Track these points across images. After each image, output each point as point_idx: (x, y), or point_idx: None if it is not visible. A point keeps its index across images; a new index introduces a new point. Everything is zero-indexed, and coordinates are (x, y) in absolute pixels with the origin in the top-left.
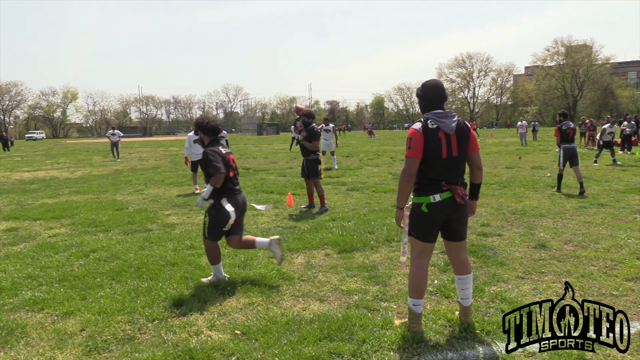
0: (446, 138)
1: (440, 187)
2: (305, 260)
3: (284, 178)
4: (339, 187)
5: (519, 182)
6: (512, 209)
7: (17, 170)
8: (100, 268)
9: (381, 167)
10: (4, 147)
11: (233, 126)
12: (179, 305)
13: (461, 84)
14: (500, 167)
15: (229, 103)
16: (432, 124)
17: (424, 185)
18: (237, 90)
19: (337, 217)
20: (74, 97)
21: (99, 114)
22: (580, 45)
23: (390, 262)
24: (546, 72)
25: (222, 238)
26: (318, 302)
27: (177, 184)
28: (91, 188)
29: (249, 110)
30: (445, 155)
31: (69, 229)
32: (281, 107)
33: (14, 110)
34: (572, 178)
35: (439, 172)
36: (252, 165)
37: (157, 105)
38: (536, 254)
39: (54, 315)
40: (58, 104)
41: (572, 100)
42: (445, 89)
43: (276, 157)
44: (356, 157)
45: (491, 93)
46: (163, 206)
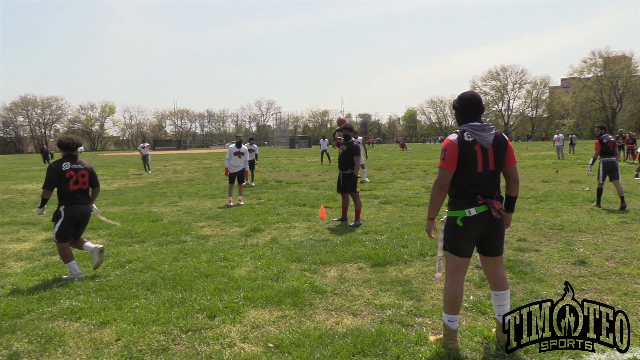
0: (482, 151)
1: (476, 201)
2: (338, 273)
3: (316, 191)
4: (372, 200)
5: (556, 196)
6: (549, 224)
7: None
8: (135, 278)
9: (414, 180)
10: (44, 160)
11: (265, 139)
12: (212, 317)
13: (495, 96)
14: (537, 180)
15: (261, 116)
16: (469, 137)
17: (459, 199)
18: (269, 103)
19: (369, 231)
20: (111, 111)
21: (135, 128)
22: (619, 56)
23: (425, 276)
24: (583, 84)
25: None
26: (351, 316)
27: (211, 196)
28: (127, 200)
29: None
30: (481, 169)
31: (105, 239)
32: (313, 120)
33: (54, 124)
34: (612, 192)
35: (475, 185)
36: (285, 178)
37: (191, 118)
38: (576, 270)
39: (90, 325)
40: (96, 118)
41: (611, 113)
42: (482, 101)
43: (308, 170)
44: (389, 170)
45: (526, 106)
46: (197, 218)
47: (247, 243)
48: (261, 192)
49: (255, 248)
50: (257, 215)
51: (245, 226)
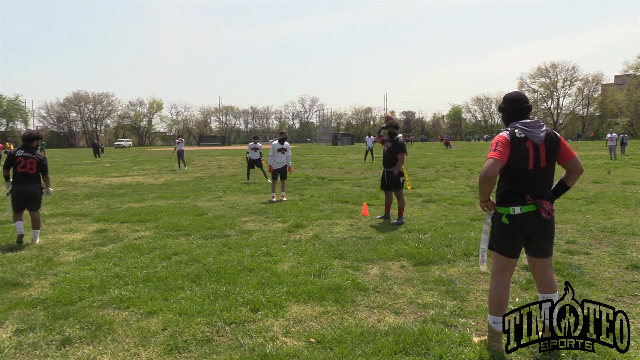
0: (534, 148)
1: (524, 200)
2: (380, 271)
3: (358, 188)
4: (415, 198)
5: (608, 198)
6: (600, 226)
7: (106, 176)
8: (181, 270)
9: (458, 179)
10: (95, 154)
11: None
12: (256, 311)
13: (544, 94)
14: (587, 181)
15: (304, 113)
16: (520, 134)
17: (507, 196)
18: (312, 100)
19: (412, 229)
20: (159, 107)
21: (182, 123)
22: None
23: (469, 276)
24: (639, 81)
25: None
26: (393, 314)
27: (254, 191)
28: (173, 194)
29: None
30: (532, 167)
31: (153, 232)
32: (356, 117)
33: (105, 120)
34: None
35: (524, 183)
36: (327, 175)
37: (235, 115)
38: (628, 275)
39: (138, 314)
40: (144, 114)
41: None
42: (529, 100)
43: (351, 167)
44: (432, 168)
45: (577, 104)
46: (241, 213)
47: (289, 239)
48: (304, 189)
49: (298, 244)
50: (299, 212)
51: (288, 222)
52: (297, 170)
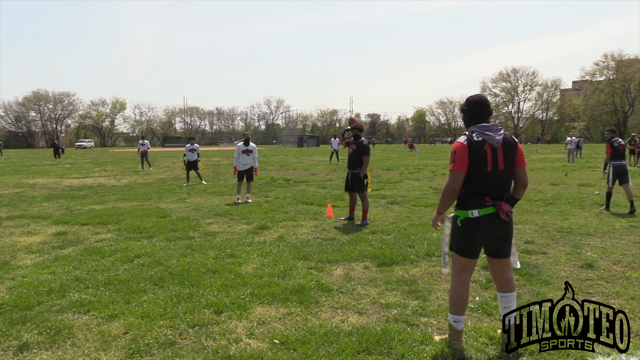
0: (492, 151)
1: (484, 202)
2: (344, 272)
3: (323, 190)
4: (379, 200)
5: (565, 200)
6: (557, 227)
7: (67, 177)
8: (143, 273)
9: (422, 181)
10: (55, 155)
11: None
12: (219, 313)
13: (505, 98)
14: (545, 183)
15: (270, 115)
16: (478, 137)
17: (467, 199)
18: (279, 102)
19: (376, 230)
20: (122, 108)
21: (145, 124)
22: (632, 59)
23: (431, 276)
24: (595, 87)
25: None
26: (357, 314)
27: (219, 193)
28: (136, 195)
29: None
30: (491, 169)
31: (114, 234)
32: (322, 119)
33: (66, 120)
34: (622, 196)
35: (484, 185)
36: (292, 177)
37: (201, 116)
38: (583, 273)
39: (99, 318)
40: (107, 114)
41: (622, 116)
42: (490, 104)
43: (316, 169)
44: (397, 170)
45: (537, 108)
46: (205, 215)
47: (254, 240)
48: (269, 190)
49: (263, 245)
50: (264, 213)
51: (253, 224)
52: (262, 172)
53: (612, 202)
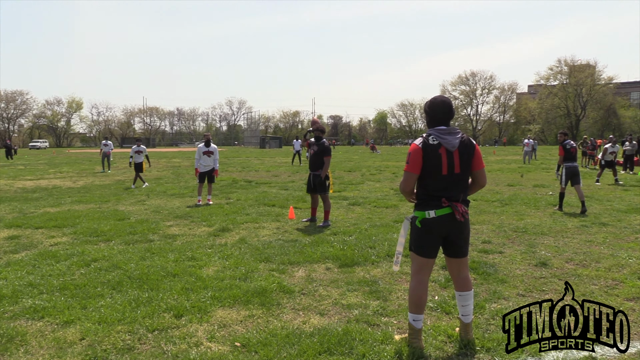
0: (447, 154)
1: (440, 204)
2: (306, 273)
3: (285, 191)
4: (341, 201)
5: (520, 200)
6: (513, 227)
7: (20, 179)
8: (101, 277)
9: (383, 182)
10: (7, 156)
11: (236, 139)
12: (179, 317)
13: (464, 101)
14: (502, 184)
15: (232, 116)
16: (434, 140)
17: (424, 201)
18: (240, 103)
19: (338, 232)
20: (78, 107)
21: (103, 124)
22: (584, 64)
23: (391, 277)
24: (549, 90)
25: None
26: (318, 315)
27: (179, 195)
28: (93, 198)
29: (252, 124)
30: (446, 172)
31: (70, 238)
32: (284, 120)
33: (19, 119)
34: (574, 197)
35: (440, 188)
36: (254, 178)
37: (160, 116)
38: (537, 272)
39: (54, 324)
40: (62, 114)
41: (575, 120)
42: (453, 106)
43: (278, 170)
44: (358, 172)
45: (494, 111)
46: (165, 217)
47: (215, 243)
48: (230, 192)
49: (224, 248)
50: (225, 215)
51: (214, 226)
52: (223, 173)
53: (564, 203)
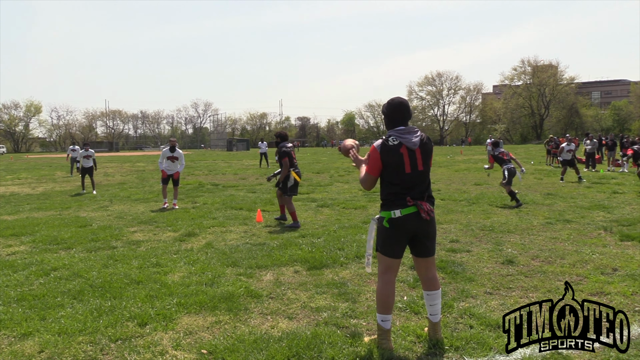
0: (409, 153)
1: (405, 203)
2: (274, 277)
3: (253, 194)
4: (309, 203)
5: (487, 199)
6: (480, 225)
7: None
8: (61, 287)
9: (352, 183)
10: None
11: (202, 142)
12: (143, 325)
13: (431, 101)
14: (469, 184)
15: (198, 118)
16: (394, 141)
17: (389, 201)
18: (206, 105)
19: (306, 234)
20: (37, 111)
21: (64, 128)
22: (546, 65)
23: (360, 278)
24: (514, 90)
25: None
26: (287, 319)
27: (144, 200)
28: (53, 204)
29: (218, 126)
30: (410, 170)
31: (29, 246)
32: (251, 122)
33: None
34: (539, 194)
35: (404, 187)
36: (221, 182)
37: (124, 119)
38: (504, 269)
39: (11, 337)
40: (20, 118)
41: (539, 119)
42: (410, 107)
43: (246, 173)
44: (327, 173)
45: (460, 111)
46: (128, 223)
47: (181, 248)
48: (197, 196)
49: (190, 253)
50: (192, 220)
51: (180, 231)
52: (190, 176)
53: (530, 201)
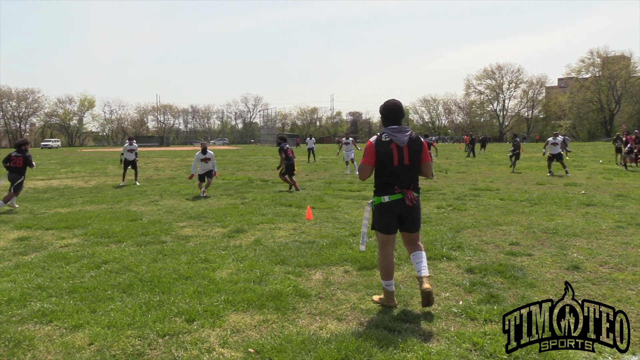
0: (398, 149)
1: (393, 190)
2: (323, 276)
3: (303, 191)
4: (360, 201)
5: (550, 199)
6: (543, 228)
7: (30, 179)
8: (111, 280)
9: None
10: None
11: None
12: (191, 321)
13: (490, 96)
14: (531, 183)
15: (248, 113)
16: (386, 137)
17: (380, 188)
18: (256, 100)
19: (357, 232)
20: (90, 105)
21: (116, 123)
22: (618, 56)
23: (413, 280)
24: (581, 84)
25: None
26: (336, 321)
27: (193, 195)
28: (105, 198)
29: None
30: (397, 163)
31: (81, 239)
32: (302, 117)
33: (30, 118)
34: (608, 196)
35: (392, 177)
36: (270, 178)
37: (174, 114)
38: (569, 275)
39: (62, 328)
40: (74, 112)
41: (609, 114)
42: (403, 107)
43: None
44: None
45: (522, 106)
46: (178, 218)
47: (229, 244)
48: (246, 192)
49: (238, 249)
50: (240, 216)
51: (228, 227)
52: (238, 172)
53: (598, 202)
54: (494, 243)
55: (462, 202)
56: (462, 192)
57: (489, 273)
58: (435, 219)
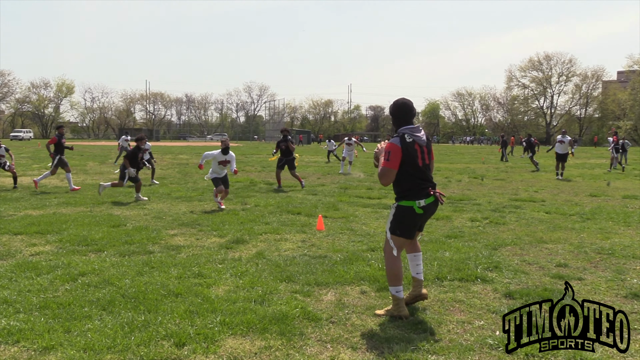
0: (420, 149)
1: (427, 193)
2: (336, 297)
3: (314, 197)
4: (380, 210)
5: (606, 214)
6: (596, 247)
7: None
8: (89, 295)
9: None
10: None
11: (256, 132)
12: (181, 345)
13: (536, 90)
14: (583, 194)
15: (251, 105)
16: (409, 138)
17: (412, 191)
18: (261, 89)
19: (376, 247)
20: (69, 92)
21: (98, 112)
22: None
23: (441, 304)
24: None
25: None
26: (350, 350)
27: (186, 198)
28: (84, 199)
29: (275, 114)
30: (421, 164)
31: (55, 246)
32: (314, 111)
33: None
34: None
35: (420, 178)
36: (276, 181)
37: (166, 104)
38: (627, 305)
39: (30, 350)
40: (50, 99)
41: None
42: (414, 106)
43: (306, 171)
44: None
45: (573, 103)
46: (168, 224)
47: (227, 257)
48: (247, 196)
49: (237, 263)
50: (241, 224)
51: (226, 236)
52: (240, 173)
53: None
54: (538, 264)
55: (501, 215)
56: (500, 202)
57: (531, 299)
58: (469, 233)
